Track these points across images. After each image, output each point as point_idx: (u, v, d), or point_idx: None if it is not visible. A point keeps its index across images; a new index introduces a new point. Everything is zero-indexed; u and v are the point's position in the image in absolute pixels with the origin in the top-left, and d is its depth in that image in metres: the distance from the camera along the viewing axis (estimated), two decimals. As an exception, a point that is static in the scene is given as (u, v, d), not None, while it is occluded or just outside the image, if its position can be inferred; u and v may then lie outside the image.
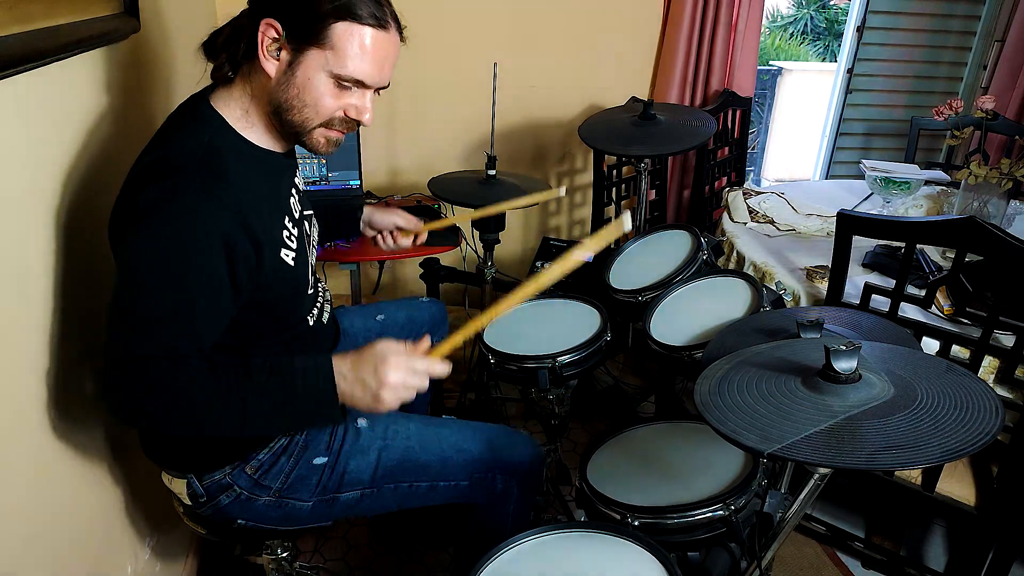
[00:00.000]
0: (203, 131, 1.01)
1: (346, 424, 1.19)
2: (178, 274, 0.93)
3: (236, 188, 0.99)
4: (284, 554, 1.27)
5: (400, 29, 1.05)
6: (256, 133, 1.07)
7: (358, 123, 1.06)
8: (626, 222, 1.11)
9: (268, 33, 0.98)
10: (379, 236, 1.55)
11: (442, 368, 1.02)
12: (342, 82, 1.00)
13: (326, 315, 1.26)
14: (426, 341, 1.03)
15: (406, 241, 1.55)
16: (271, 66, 0.99)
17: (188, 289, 0.94)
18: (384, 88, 1.06)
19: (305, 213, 1.20)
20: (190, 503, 1.15)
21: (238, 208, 0.98)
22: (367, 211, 1.54)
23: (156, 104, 1.53)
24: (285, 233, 1.09)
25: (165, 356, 0.93)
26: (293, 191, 1.16)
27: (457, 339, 1.05)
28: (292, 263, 1.10)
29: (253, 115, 1.05)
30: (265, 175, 1.07)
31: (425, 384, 1.00)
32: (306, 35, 0.97)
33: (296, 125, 1.03)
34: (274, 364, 0.97)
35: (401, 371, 0.97)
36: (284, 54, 0.99)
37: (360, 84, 1.02)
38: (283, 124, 1.04)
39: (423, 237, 1.57)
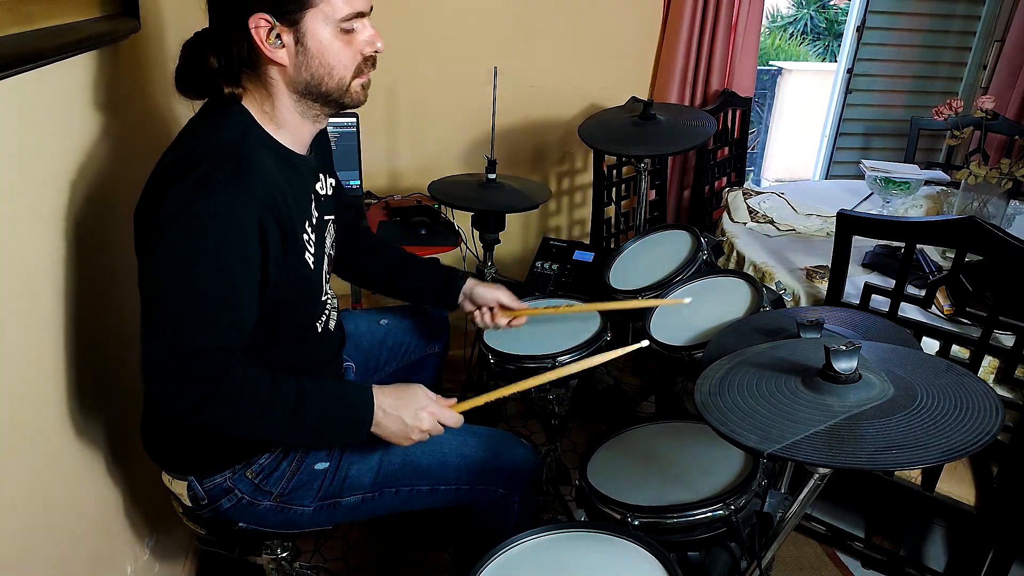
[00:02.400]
0: (230, 125, 1.02)
1: None
2: (220, 262, 0.94)
3: (264, 178, 0.99)
4: (284, 554, 1.27)
5: None
6: (281, 132, 1.07)
7: (375, 55, 1.08)
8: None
9: (261, 27, 0.97)
10: (477, 311, 1.46)
11: (459, 421, 1.16)
12: (346, 26, 1.02)
13: (333, 322, 1.27)
14: (452, 400, 1.17)
15: (503, 320, 1.47)
16: (281, 54, 1.00)
17: (232, 281, 0.96)
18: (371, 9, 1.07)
19: (325, 219, 1.20)
20: (191, 505, 1.15)
21: (268, 197, 0.99)
22: (470, 284, 1.45)
23: (156, 104, 1.53)
24: (305, 237, 1.10)
25: (221, 348, 0.96)
26: (313, 196, 1.16)
27: (478, 401, 1.17)
28: (312, 265, 1.11)
29: (277, 113, 1.06)
30: (289, 174, 1.07)
31: (442, 431, 1.15)
32: (295, 4, 0.97)
33: (334, 91, 1.05)
34: (322, 380, 1.08)
35: (433, 419, 1.12)
36: (286, 37, 0.99)
37: (359, 16, 1.03)
38: (320, 98, 1.05)
39: (522, 320, 1.48)
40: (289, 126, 1.08)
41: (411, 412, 1.10)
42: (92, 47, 1.18)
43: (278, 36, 0.99)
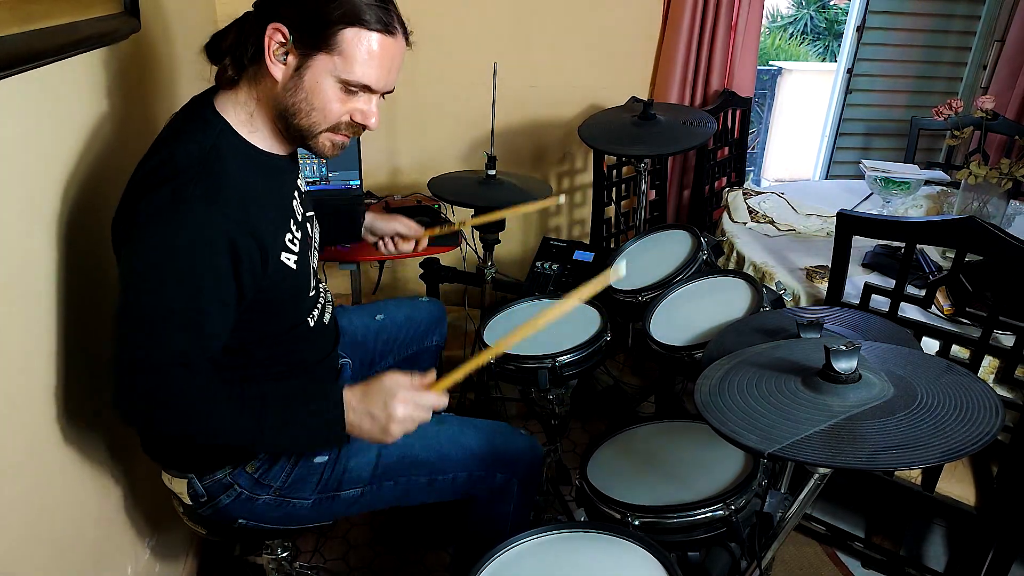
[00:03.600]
0: (206, 135, 1.01)
1: None
2: (187, 279, 0.94)
3: (239, 192, 0.99)
4: (284, 554, 1.27)
5: (406, 34, 1.06)
6: (260, 137, 1.07)
7: (363, 128, 1.06)
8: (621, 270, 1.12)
9: (275, 38, 0.97)
10: (380, 242, 1.56)
11: (443, 401, 1.06)
12: (350, 87, 1.01)
13: (327, 316, 1.26)
14: (431, 375, 1.07)
15: (407, 246, 1.56)
16: (278, 70, 0.99)
17: (197, 294, 0.95)
18: (389, 92, 1.07)
19: (307, 215, 1.20)
20: (191, 503, 1.15)
21: (242, 211, 0.98)
22: (369, 217, 1.54)
23: (156, 104, 1.53)
24: (288, 236, 1.09)
25: (179, 363, 0.94)
26: (295, 193, 1.16)
27: (458, 374, 1.07)
28: (294, 266, 1.10)
29: (258, 119, 1.05)
30: (268, 178, 1.07)
31: (428, 417, 1.05)
32: (314, 41, 0.97)
33: (303, 129, 1.04)
34: (287, 387, 1.05)
35: (409, 406, 1.02)
36: (291, 59, 0.99)
37: (367, 89, 1.02)
38: (289, 128, 1.04)
39: (424, 243, 1.58)
40: (270, 131, 1.07)
41: (379, 404, 1.01)
42: (92, 47, 1.18)
43: (286, 54, 0.99)
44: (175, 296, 0.94)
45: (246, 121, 1.05)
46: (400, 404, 1.01)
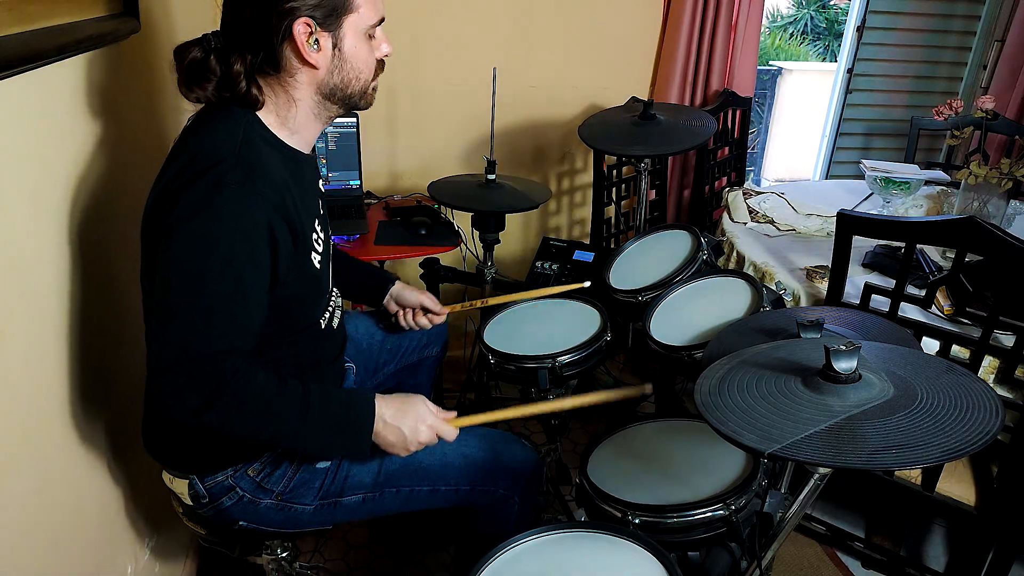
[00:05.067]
0: (236, 127, 1.02)
1: None
2: (232, 270, 0.95)
3: (272, 180, 1.00)
4: (284, 554, 1.27)
5: None
6: (291, 134, 1.08)
7: (384, 60, 1.12)
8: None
9: (304, 31, 0.99)
10: (400, 312, 1.51)
11: (455, 435, 1.15)
12: (371, 32, 1.06)
13: (336, 319, 1.27)
14: (452, 414, 1.17)
15: (424, 321, 1.51)
16: (318, 57, 1.02)
17: (243, 285, 0.96)
18: None
19: (324, 215, 1.21)
20: (191, 504, 1.16)
21: (278, 198, 0.99)
22: (397, 287, 1.51)
23: (156, 104, 1.53)
24: (314, 235, 1.10)
25: (228, 351, 0.96)
26: (318, 192, 1.17)
27: (478, 419, 1.19)
28: (318, 266, 1.11)
29: (295, 118, 1.07)
30: (296, 173, 1.08)
31: (436, 443, 1.14)
32: (336, 10, 1.00)
33: (358, 93, 1.09)
34: (325, 387, 1.07)
35: (431, 433, 1.12)
36: (323, 41, 1.01)
37: (380, 22, 1.08)
38: (342, 100, 1.08)
39: (442, 319, 1.53)
40: (302, 128, 1.09)
41: (411, 424, 1.10)
42: (92, 47, 1.18)
43: (316, 40, 1.00)
44: (220, 285, 0.95)
45: (275, 124, 1.06)
46: (426, 429, 1.11)
